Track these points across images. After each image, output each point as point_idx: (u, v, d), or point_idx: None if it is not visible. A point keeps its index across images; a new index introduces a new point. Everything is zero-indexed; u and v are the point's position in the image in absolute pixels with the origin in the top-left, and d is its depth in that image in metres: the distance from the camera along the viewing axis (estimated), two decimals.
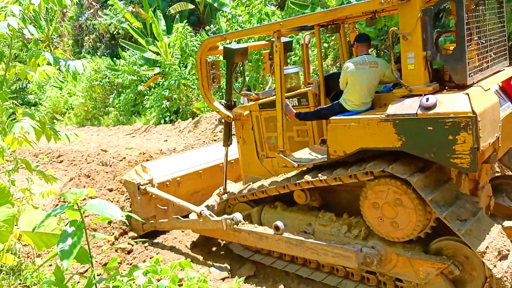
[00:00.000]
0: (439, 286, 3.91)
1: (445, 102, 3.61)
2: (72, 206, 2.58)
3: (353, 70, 4.38)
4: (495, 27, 4.58)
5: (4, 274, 3.60)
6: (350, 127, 4.05)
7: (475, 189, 4.56)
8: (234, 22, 11.98)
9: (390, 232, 4.00)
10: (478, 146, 3.43)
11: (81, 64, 3.88)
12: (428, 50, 3.79)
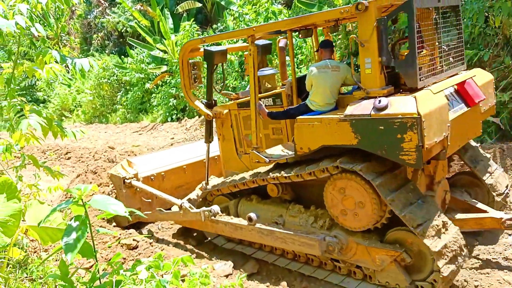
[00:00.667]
0: (393, 272, 4.23)
1: (395, 104, 3.93)
2: (77, 201, 2.63)
3: (316, 74, 4.76)
4: (451, 34, 4.98)
5: (11, 267, 3.67)
6: (313, 126, 4.39)
7: (431, 184, 4.85)
8: (241, 21, 12.01)
9: (350, 222, 4.36)
10: (423, 144, 3.75)
11: (88, 62, 3.94)
12: (383, 56, 4.16)
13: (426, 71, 4.44)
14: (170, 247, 5.76)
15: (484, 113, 5.06)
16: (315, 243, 4.56)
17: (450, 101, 4.44)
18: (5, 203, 3.32)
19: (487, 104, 5.04)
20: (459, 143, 4.70)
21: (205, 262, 5.44)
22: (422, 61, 4.45)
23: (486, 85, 5.06)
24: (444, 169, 5.01)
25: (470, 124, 4.80)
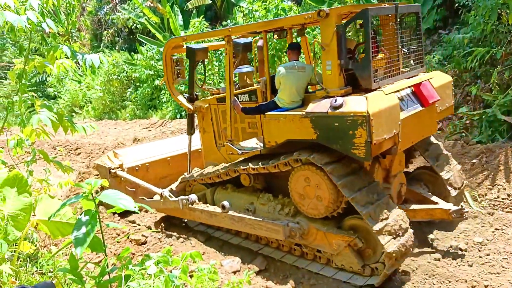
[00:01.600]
0: (347, 256, 4.65)
1: (349, 103, 4.30)
2: (87, 196, 2.65)
3: (284, 73, 5.05)
4: (410, 39, 5.39)
5: (21, 261, 3.70)
6: (279, 122, 4.80)
7: (387, 177, 5.23)
8: (251, 18, 11.95)
9: (310, 210, 4.78)
10: (371, 140, 4.12)
11: (98, 58, 3.95)
12: (342, 59, 4.51)
13: (382, 73, 4.84)
14: (178, 243, 5.77)
15: (441, 112, 5.41)
16: (279, 229, 4.96)
17: (405, 101, 4.81)
18: (16, 197, 3.35)
19: (444, 105, 5.39)
20: (412, 140, 4.99)
21: (213, 258, 5.46)
22: (377, 64, 4.83)
23: (444, 86, 5.39)
24: (401, 163, 5.36)
25: (426, 122, 5.12)
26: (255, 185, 5.59)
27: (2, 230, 3.17)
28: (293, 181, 4.85)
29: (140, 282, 2.59)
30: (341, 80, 4.66)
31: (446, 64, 9.08)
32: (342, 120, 4.27)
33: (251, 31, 5.74)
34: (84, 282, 2.78)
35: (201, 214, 5.77)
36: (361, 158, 4.26)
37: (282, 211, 5.18)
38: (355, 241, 4.53)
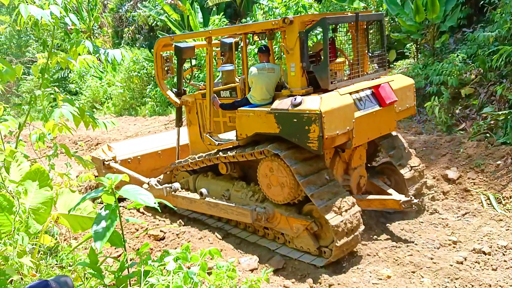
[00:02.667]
0: (305, 238, 5.20)
1: (306, 102, 4.83)
2: (108, 190, 2.65)
3: (255, 74, 5.49)
4: (373, 43, 5.90)
5: (42, 254, 3.74)
6: (249, 116, 5.34)
7: (347, 170, 5.74)
8: (271, 15, 11.90)
9: (274, 196, 5.33)
10: (323, 135, 4.66)
11: (120, 53, 3.96)
12: (304, 62, 5.03)
13: (340, 75, 5.50)
14: (196, 240, 5.77)
15: (400, 112, 5.87)
16: (247, 213, 5.51)
17: (363, 101, 5.30)
18: (37, 191, 3.38)
19: (404, 105, 5.86)
20: (368, 137, 5.46)
21: (230, 256, 5.44)
22: (336, 67, 5.48)
23: (404, 88, 5.87)
24: (361, 158, 5.84)
25: (383, 121, 5.57)
26: (232, 173, 6.10)
27: (23, 223, 3.20)
28: (260, 170, 5.39)
29: (159, 278, 2.58)
30: (304, 81, 5.16)
31: (470, 63, 8.87)
32: (299, 117, 4.81)
33: (229, 33, 6.31)
34: (103, 276, 2.79)
35: (183, 201, 6.34)
36: (314, 150, 4.81)
37: (252, 197, 5.71)
38: (311, 225, 5.07)
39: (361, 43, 5.65)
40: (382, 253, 5.19)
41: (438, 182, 6.71)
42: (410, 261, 4.92)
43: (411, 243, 5.35)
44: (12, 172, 3.48)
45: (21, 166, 3.59)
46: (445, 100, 8.67)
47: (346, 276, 4.81)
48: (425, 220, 5.90)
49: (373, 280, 4.67)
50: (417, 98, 9.62)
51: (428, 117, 9.06)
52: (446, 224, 5.72)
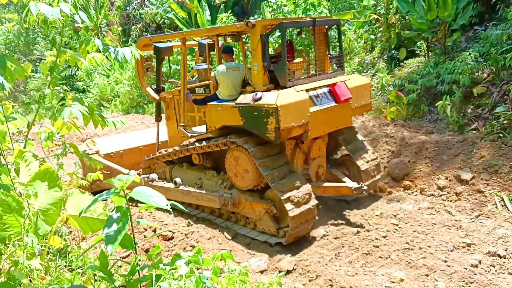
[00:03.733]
0: (266, 221, 5.74)
1: (266, 97, 5.40)
2: (119, 192, 2.58)
3: (223, 72, 6.07)
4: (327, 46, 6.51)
5: (51, 255, 3.69)
6: (217, 110, 5.92)
7: (307, 160, 6.33)
8: (279, 13, 11.80)
9: (239, 183, 5.91)
10: (279, 126, 5.23)
11: (130, 52, 3.89)
12: (265, 61, 5.60)
13: (299, 74, 6.02)
14: (205, 240, 5.72)
15: (356, 109, 6.47)
16: (216, 199, 6.07)
17: (320, 98, 5.91)
18: (46, 192, 3.32)
19: (360, 102, 6.47)
20: (324, 129, 6.06)
21: (240, 256, 5.37)
22: (294, 67, 6.01)
23: (360, 87, 6.48)
24: (320, 149, 6.44)
25: (339, 116, 6.18)
26: (204, 164, 6.67)
27: (32, 225, 3.15)
28: (227, 159, 6.00)
29: (171, 283, 2.51)
30: (265, 78, 5.70)
31: (482, 62, 8.73)
32: (259, 110, 5.38)
33: (200, 35, 7.14)
34: (114, 280, 2.72)
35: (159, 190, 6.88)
36: (272, 140, 5.37)
37: (222, 185, 6.29)
38: (271, 208, 5.62)
39: (320, 46, 6.32)
40: (395, 255, 5.10)
41: (451, 183, 6.60)
42: (423, 264, 4.83)
43: (424, 245, 5.24)
44: (21, 172, 3.43)
45: (30, 166, 3.54)
46: (456, 99, 8.54)
47: (358, 278, 4.73)
48: (438, 221, 5.80)
49: (386, 283, 4.59)
50: (428, 97, 9.55)
51: (439, 116, 8.94)
52: (460, 226, 5.62)
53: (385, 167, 7.62)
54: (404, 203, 6.59)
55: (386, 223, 5.91)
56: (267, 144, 5.62)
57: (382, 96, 10.40)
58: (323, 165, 6.50)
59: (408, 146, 7.79)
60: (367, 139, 8.46)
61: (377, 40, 12.11)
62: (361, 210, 6.44)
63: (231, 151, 5.89)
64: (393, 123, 9.31)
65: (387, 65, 11.30)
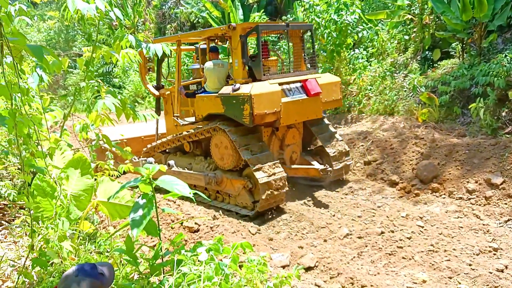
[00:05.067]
0: (244, 195, 6.66)
1: (243, 88, 6.40)
2: (145, 180, 2.72)
3: (210, 68, 7.10)
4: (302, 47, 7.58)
5: (81, 239, 3.88)
6: (204, 100, 7.02)
7: (282, 146, 7.40)
8: (312, 12, 11.80)
9: (222, 164, 6.93)
10: (253, 112, 6.20)
11: (161, 48, 4.04)
12: (244, 58, 6.59)
13: (274, 70, 7.09)
14: (229, 233, 5.83)
15: (326, 103, 7.42)
16: (201, 178, 7.13)
17: (292, 91, 6.88)
18: (79, 178, 3.51)
19: (330, 97, 7.41)
20: (296, 119, 7.02)
21: (262, 251, 5.45)
22: (269, 64, 7.07)
23: (330, 84, 7.45)
24: (294, 137, 7.48)
25: (309, 108, 7.11)
26: (194, 151, 7.77)
27: (65, 209, 3.33)
28: (212, 143, 7.02)
29: (191, 268, 2.63)
30: (245, 73, 6.72)
31: None
32: (237, 99, 6.36)
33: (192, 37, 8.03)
34: (138, 263, 2.86)
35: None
36: (247, 124, 6.33)
37: (208, 167, 7.38)
38: (247, 183, 6.55)
39: (296, 47, 7.48)
40: (418, 257, 5.06)
41: (481, 186, 6.47)
42: (447, 266, 4.78)
43: (449, 248, 5.18)
44: (56, 160, 3.63)
45: (64, 154, 3.74)
46: (490, 102, 8.33)
47: (379, 278, 4.72)
48: (465, 225, 5.71)
49: (408, 284, 4.56)
50: (461, 99, 9.35)
51: (472, 119, 8.74)
52: (487, 230, 5.51)
53: (413, 169, 7.54)
54: (431, 206, 6.51)
55: (411, 224, 5.86)
56: (245, 128, 6.64)
57: (413, 97, 10.25)
58: (297, 152, 7.56)
59: (438, 148, 7.67)
60: (397, 140, 8.38)
61: (410, 40, 11.92)
62: (386, 211, 6.41)
63: (215, 135, 6.92)
64: (424, 125, 9.16)
65: (420, 66, 11.12)
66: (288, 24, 7.02)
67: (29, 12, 3.59)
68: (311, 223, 6.21)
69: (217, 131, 6.85)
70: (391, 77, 11.30)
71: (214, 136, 6.93)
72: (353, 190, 7.55)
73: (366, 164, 8.38)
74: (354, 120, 11.47)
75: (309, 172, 7.14)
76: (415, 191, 7.03)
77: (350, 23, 11.30)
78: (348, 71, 12.37)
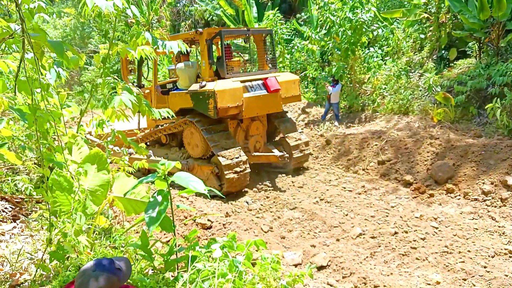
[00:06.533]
0: (212, 180, 7.53)
1: (208, 85, 7.41)
2: (161, 176, 2.73)
3: (181, 69, 8.11)
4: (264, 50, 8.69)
5: (97, 234, 3.92)
6: (176, 96, 8.05)
7: (246, 136, 8.37)
8: (326, 10, 11.75)
9: (193, 152, 7.99)
10: (217, 106, 7.17)
11: (177, 45, 4.06)
12: (210, 59, 7.61)
13: (237, 69, 8.02)
14: (241, 231, 5.84)
15: (286, 99, 8.38)
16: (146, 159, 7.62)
17: (254, 87, 7.83)
18: (95, 174, 3.55)
19: (289, 94, 8.41)
20: (257, 112, 8.01)
21: (274, 249, 5.45)
22: (232, 64, 8.00)
23: (289, 82, 8.41)
24: (258, 129, 8.49)
25: (270, 103, 8.11)
26: (170, 143, 8.78)
27: (81, 203, 3.37)
28: (184, 134, 8.05)
29: (205, 264, 2.64)
30: (211, 72, 7.75)
31: None
32: (204, 94, 7.36)
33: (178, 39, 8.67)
34: (153, 259, 2.89)
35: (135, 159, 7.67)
36: (212, 116, 7.33)
37: (182, 157, 8.33)
38: (214, 169, 7.49)
39: (258, 49, 8.57)
40: (432, 258, 5.01)
41: (496, 188, 6.38)
42: (461, 268, 4.73)
43: (464, 249, 5.12)
44: (73, 155, 3.67)
45: (81, 149, 3.78)
46: (507, 103, 8.21)
47: (392, 278, 4.70)
48: (480, 227, 5.64)
49: (421, 285, 4.53)
50: (477, 99, 9.23)
51: (488, 119, 8.62)
52: (503, 233, 5.44)
53: (428, 169, 7.46)
54: (446, 207, 6.44)
55: (425, 225, 5.81)
56: (212, 121, 7.65)
57: (429, 97, 10.15)
58: (261, 142, 8.58)
59: (453, 148, 7.59)
60: (411, 140, 8.30)
61: (426, 39, 11.80)
62: (400, 211, 6.36)
63: (187, 127, 7.93)
64: (440, 125, 9.07)
65: (436, 65, 11.00)
66: (249, 29, 8.34)
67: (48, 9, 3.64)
68: (324, 222, 6.20)
69: (187, 124, 7.83)
70: (406, 76, 11.20)
71: (185, 128, 7.96)
72: (367, 189, 7.51)
73: (379, 164, 8.33)
74: (368, 119, 11.40)
75: (270, 158, 8.08)
76: (430, 191, 6.97)
77: (365, 22, 11.22)
78: (362, 70, 12.28)
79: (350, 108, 12.19)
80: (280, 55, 14.85)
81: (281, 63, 14.87)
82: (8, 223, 4.72)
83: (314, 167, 9.33)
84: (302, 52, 14.40)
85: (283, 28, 15.15)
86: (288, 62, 15.10)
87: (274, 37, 15.74)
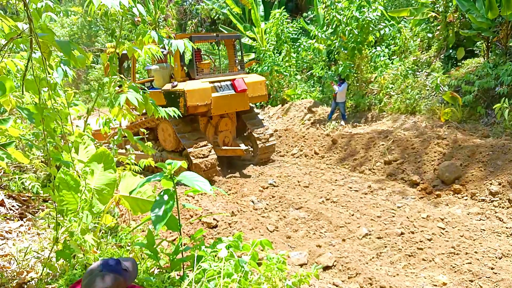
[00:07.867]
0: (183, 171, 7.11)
1: (180, 85, 8.25)
2: (167, 176, 2.73)
3: (156, 70, 9.01)
4: (234, 53, 9.61)
5: (103, 233, 3.93)
6: (151, 95, 8.08)
7: (216, 132, 9.22)
8: (333, 9, 11.70)
9: (166, 146, 8.95)
10: (187, 104, 7.98)
11: (183, 44, 4.06)
12: (182, 62, 8.56)
13: (207, 71, 8.84)
14: (247, 230, 5.84)
15: (253, 98, 9.17)
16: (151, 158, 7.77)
17: (222, 87, 8.60)
18: (102, 173, 3.56)
19: (256, 93, 9.18)
20: (225, 110, 8.74)
21: (280, 249, 5.45)
22: (202, 66, 8.81)
23: (256, 83, 9.19)
24: (227, 125, 9.31)
25: (237, 101, 8.86)
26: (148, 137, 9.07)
27: (88, 202, 3.38)
28: (159, 130, 9.06)
29: (211, 264, 2.64)
30: (183, 74, 8.66)
31: None
32: (175, 94, 8.17)
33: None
34: (159, 258, 2.89)
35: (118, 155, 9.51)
36: (182, 114, 7.60)
37: (157, 149, 9.15)
38: (184, 159, 8.04)
39: (228, 52, 9.57)
40: (439, 259, 4.98)
41: (504, 189, 6.32)
42: (468, 269, 4.69)
43: (471, 250, 5.09)
44: (80, 154, 3.69)
45: (88, 148, 3.79)
46: None
47: (398, 279, 4.67)
48: (488, 228, 5.60)
49: (427, 286, 4.50)
50: (485, 99, 9.15)
51: (496, 119, 8.55)
52: (510, 234, 5.39)
53: (435, 169, 7.42)
54: (453, 207, 6.40)
55: (432, 226, 5.77)
56: (184, 118, 8.43)
57: (436, 96, 10.09)
58: (229, 137, 9.38)
59: (461, 149, 7.53)
60: (418, 139, 8.25)
61: (434, 38, 11.72)
62: (406, 212, 6.32)
63: (161, 123, 8.90)
64: (447, 125, 9.01)
65: (443, 64, 10.93)
66: (218, 35, 9.02)
67: (55, 8, 3.65)
68: (330, 222, 6.18)
69: (161, 120, 8.78)
70: (413, 76, 11.14)
71: (159, 124, 8.95)
72: (373, 189, 7.48)
73: (386, 164, 8.29)
74: (374, 118, 11.36)
75: (236, 151, 9.01)
76: (436, 192, 6.92)
77: (372, 20, 11.17)
78: (369, 69, 12.24)
79: (356, 107, 12.15)
80: (286, 54, 14.81)
81: (287, 62, 14.84)
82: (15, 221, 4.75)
83: (320, 166, 9.31)
84: (308, 51, 14.37)
85: (290, 27, 15.10)
86: (295, 61, 15.06)
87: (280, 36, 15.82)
